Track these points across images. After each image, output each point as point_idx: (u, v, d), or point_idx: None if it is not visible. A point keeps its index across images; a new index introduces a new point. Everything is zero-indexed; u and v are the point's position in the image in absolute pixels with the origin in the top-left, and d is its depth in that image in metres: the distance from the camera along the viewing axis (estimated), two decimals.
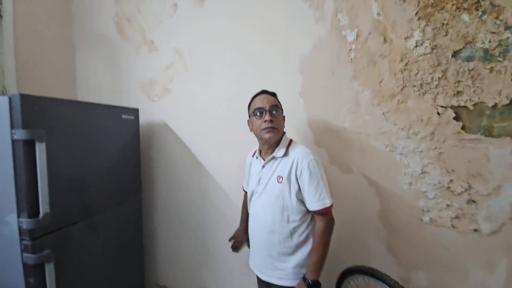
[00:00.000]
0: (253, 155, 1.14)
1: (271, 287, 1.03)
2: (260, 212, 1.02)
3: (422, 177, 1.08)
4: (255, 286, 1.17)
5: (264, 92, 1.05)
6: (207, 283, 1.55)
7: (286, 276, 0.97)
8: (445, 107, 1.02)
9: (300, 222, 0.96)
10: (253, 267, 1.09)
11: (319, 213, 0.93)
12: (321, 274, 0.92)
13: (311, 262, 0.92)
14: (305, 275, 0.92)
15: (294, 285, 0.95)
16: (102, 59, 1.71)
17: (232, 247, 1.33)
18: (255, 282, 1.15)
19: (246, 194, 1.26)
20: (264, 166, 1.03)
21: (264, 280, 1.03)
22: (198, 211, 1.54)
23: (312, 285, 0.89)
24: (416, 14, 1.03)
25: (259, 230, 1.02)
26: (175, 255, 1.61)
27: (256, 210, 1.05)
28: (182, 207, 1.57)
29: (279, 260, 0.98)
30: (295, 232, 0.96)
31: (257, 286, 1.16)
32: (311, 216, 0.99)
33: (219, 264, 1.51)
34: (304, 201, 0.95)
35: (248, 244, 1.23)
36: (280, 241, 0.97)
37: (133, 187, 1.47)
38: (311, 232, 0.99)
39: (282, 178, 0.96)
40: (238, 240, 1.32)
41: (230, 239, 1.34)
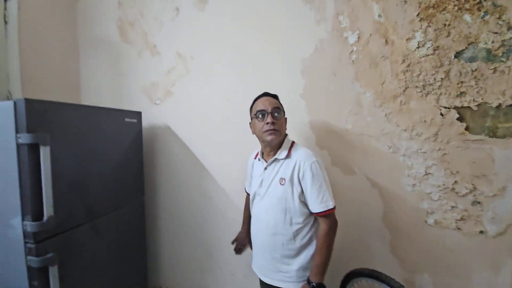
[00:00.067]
0: (255, 157, 1.14)
1: None
2: (262, 214, 1.02)
3: (426, 178, 1.07)
4: (258, 287, 1.16)
5: (266, 94, 1.05)
6: (209, 285, 1.54)
7: (290, 279, 0.96)
8: (448, 108, 1.02)
9: (303, 224, 0.96)
10: (255, 269, 1.09)
11: (322, 215, 0.92)
12: (324, 277, 0.91)
13: (314, 265, 0.91)
14: (309, 278, 0.91)
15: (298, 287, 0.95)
16: (106, 63, 1.73)
17: (235, 249, 1.33)
18: (258, 284, 1.14)
19: (248, 196, 1.26)
20: (266, 168, 1.03)
21: (266, 283, 1.03)
22: (200, 213, 1.54)
23: None
24: (417, 15, 1.03)
25: (262, 233, 1.02)
26: (178, 257, 1.61)
27: (258, 212, 1.04)
28: (184, 209, 1.58)
29: (282, 263, 0.97)
30: (298, 234, 0.96)
31: None
32: (314, 218, 0.98)
33: (221, 266, 1.50)
34: (307, 203, 0.95)
35: (251, 246, 1.23)
36: (283, 243, 0.96)
37: (136, 189, 1.47)
38: (314, 234, 0.98)
39: (284, 180, 0.96)
40: (240, 243, 1.31)
41: (232, 242, 1.34)
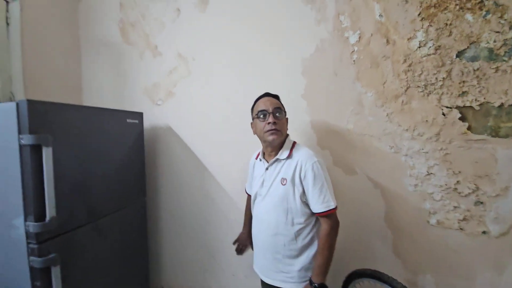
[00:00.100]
0: (256, 157, 1.14)
1: None
2: (264, 215, 1.02)
3: (428, 178, 1.06)
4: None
5: (267, 94, 1.05)
6: (211, 285, 1.54)
7: (291, 279, 0.96)
8: (450, 108, 1.01)
9: (305, 225, 0.96)
10: (257, 270, 1.08)
11: (323, 215, 0.92)
12: (326, 277, 0.91)
13: (316, 265, 0.91)
14: (311, 279, 0.91)
15: None
16: (107, 65, 1.73)
17: (236, 250, 1.33)
18: (259, 285, 1.14)
19: (249, 197, 1.26)
20: (268, 168, 1.03)
21: (268, 284, 1.02)
22: (202, 214, 1.54)
23: None
24: (418, 14, 1.03)
25: (263, 233, 1.02)
26: (179, 258, 1.61)
27: (259, 213, 1.04)
28: (186, 210, 1.58)
29: (284, 263, 0.97)
30: (299, 235, 0.96)
31: None
32: (315, 219, 0.98)
33: (222, 267, 1.50)
34: (308, 203, 0.95)
35: (252, 247, 1.23)
36: (285, 243, 0.96)
37: (137, 190, 1.48)
38: (316, 234, 0.98)
39: (286, 180, 0.96)
40: (242, 243, 1.31)
41: (234, 242, 1.34)
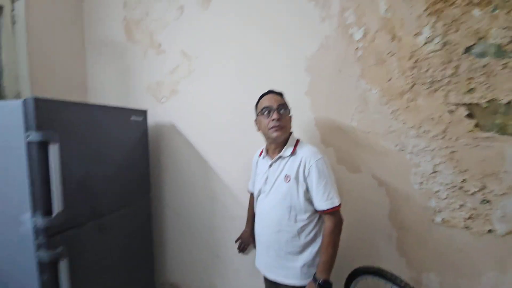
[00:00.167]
0: (259, 154, 1.14)
1: (279, 287, 1.02)
2: (267, 212, 1.02)
3: (434, 176, 1.05)
4: (262, 285, 1.16)
5: (271, 92, 1.05)
6: (214, 281, 1.55)
7: (294, 275, 0.97)
8: (457, 105, 1.00)
9: (308, 222, 0.96)
10: (259, 266, 1.09)
11: (327, 212, 0.92)
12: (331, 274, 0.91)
13: (321, 262, 0.91)
14: (315, 275, 0.91)
15: (301, 284, 0.95)
16: (112, 62, 1.74)
17: (238, 248, 1.33)
18: (262, 282, 1.14)
19: (252, 195, 1.26)
20: (271, 165, 1.03)
21: (271, 280, 1.03)
22: (206, 212, 1.54)
23: (323, 285, 0.88)
24: (425, 10, 1.02)
25: (266, 229, 1.02)
26: (183, 254, 1.63)
27: (263, 210, 1.04)
28: (190, 208, 1.59)
29: (287, 259, 0.97)
30: (302, 232, 0.96)
31: (264, 286, 1.16)
32: (318, 216, 0.98)
33: (226, 264, 1.51)
34: (312, 200, 0.95)
35: (254, 245, 1.24)
36: (288, 240, 0.96)
37: (142, 187, 1.49)
38: (319, 231, 0.98)
39: (289, 177, 0.96)
40: (244, 242, 1.32)
41: (236, 240, 1.34)
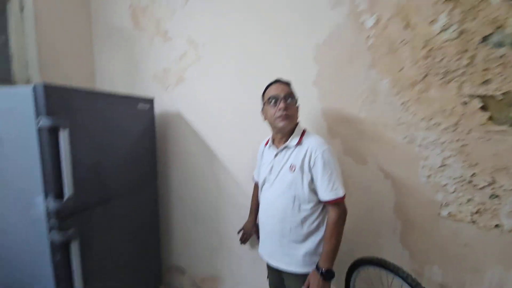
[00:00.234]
0: (265, 144, 1.14)
1: (281, 274, 1.05)
2: (272, 201, 1.03)
3: (442, 170, 1.03)
4: (265, 271, 1.19)
5: (278, 81, 1.04)
6: (219, 266, 1.60)
7: (296, 263, 0.98)
8: (471, 97, 0.96)
9: (311, 211, 0.96)
10: (262, 253, 1.10)
11: (332, 203, 0.92)
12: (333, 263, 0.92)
13: (324, 252, 0.92)
14: (318, 264, 0.93)
15: (303, 271, 0.97)
16: (118, 50, 1.74)
17: (240, 239, 1.35)
18: (265, 268, 1.17)
19: (256, 185, 1.27)
20: (277, 154, 1.03)
21: (273, 267, 1.05)
22: (210, 198, 1.57)
23: (326, 274, 0.90)
24: None
25: (271, 219, 1.03)
26: (189, 239, 1.67)
27: (267, 198, 1.05)
28: (195, 194, 1.61)
29: (289, 247, 0.99)
30: (306, 221, 0.97)
31: (267, 272, 1.18)
32: (322, 206, 0.98)
33: (230, 250, 1.54)
34: (316, 190, 0.95)
35: (257, 235, 1.25)
36: (291, 229, 0.97)
37: (149, 174, 1.52)
38: (322, 221, 0.99)
39: (295, 167, 0.96)
40: (246, 232, 1.34)
41: (239, 231, 1.36)
